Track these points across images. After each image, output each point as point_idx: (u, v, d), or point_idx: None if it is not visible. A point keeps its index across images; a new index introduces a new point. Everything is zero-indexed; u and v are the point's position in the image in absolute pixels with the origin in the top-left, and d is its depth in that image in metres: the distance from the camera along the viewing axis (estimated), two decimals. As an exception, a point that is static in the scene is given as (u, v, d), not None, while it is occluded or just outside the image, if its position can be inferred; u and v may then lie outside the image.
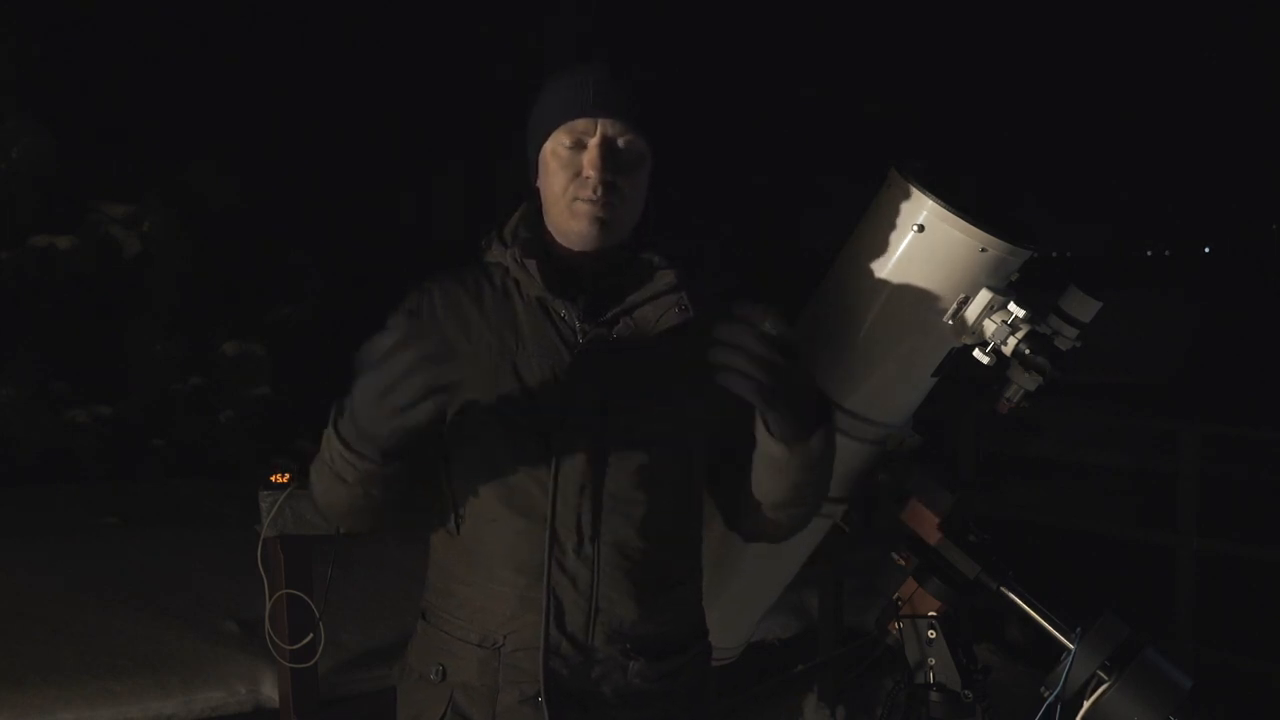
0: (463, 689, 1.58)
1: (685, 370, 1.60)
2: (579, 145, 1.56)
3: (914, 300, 1.83)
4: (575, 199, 1.56)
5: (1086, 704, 1.72)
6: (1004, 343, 1.78)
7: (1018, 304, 1.79)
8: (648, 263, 1.62)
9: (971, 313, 1.81)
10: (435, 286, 1.65)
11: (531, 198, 1.67)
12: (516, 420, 1.54)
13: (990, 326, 1.80)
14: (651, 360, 1.58)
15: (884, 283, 1.85)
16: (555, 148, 1.57)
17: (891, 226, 1.84)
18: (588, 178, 1.54)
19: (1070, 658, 1.73)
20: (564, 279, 1.60)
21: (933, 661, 1.87)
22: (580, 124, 1.55)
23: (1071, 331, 1.83)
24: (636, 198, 1.60)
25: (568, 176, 1.56)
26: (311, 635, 2.75)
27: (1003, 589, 1.84)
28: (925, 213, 1.79)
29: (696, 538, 1.70)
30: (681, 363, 1.60)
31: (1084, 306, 1.84)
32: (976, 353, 1.84)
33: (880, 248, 1.85)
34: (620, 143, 1.56)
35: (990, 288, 1.80)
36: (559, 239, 1.62)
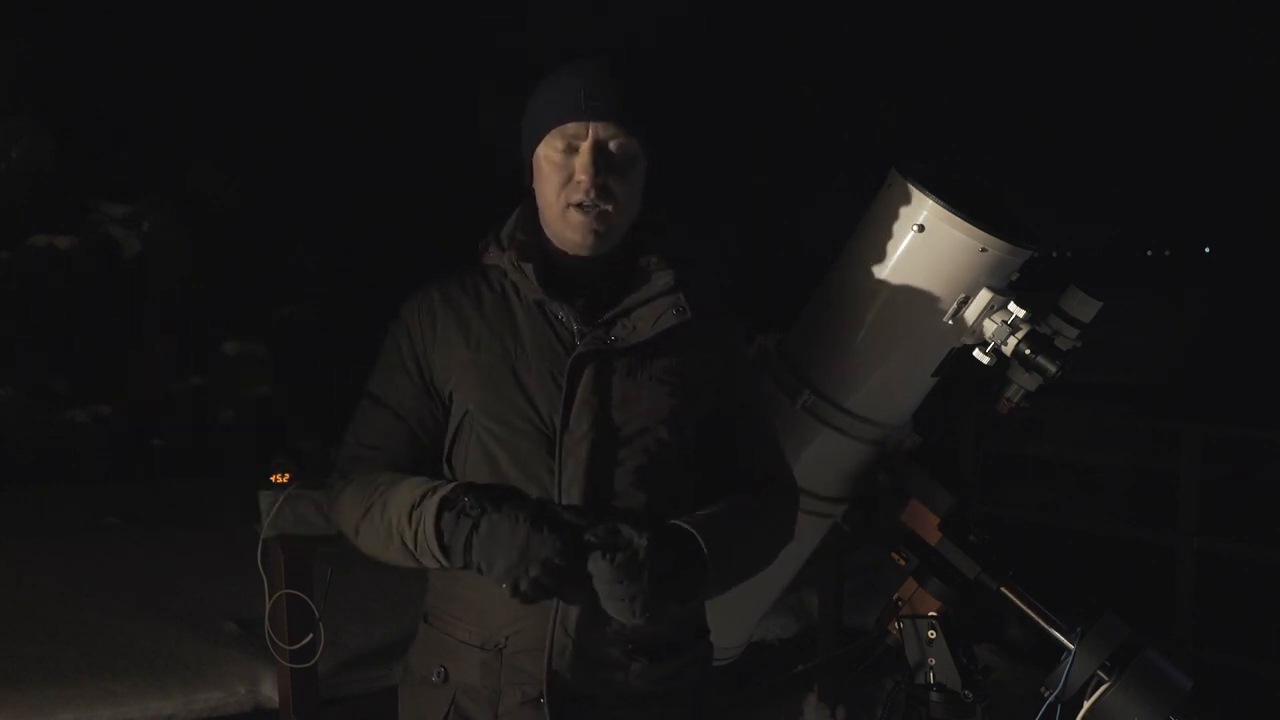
0: (465, 691, 1.58)
1: (683, 371, 1.60)
2: (571, 149, 1.55)
3: (914, 300, 1.83)
4: (569, 206, 1.55)
5: (1086, 704, 1.72)
6: (1004, 343, 1.78)
7: (1018, 304, 1.79)
8: (645, 264, 1.62)
9: (971, 313, 1.81)
10: (435, 289, 1.65)
11: (528, 199, 1.67)
12: (517, 424, 1.54)
13: (990, 326, 1.80)
14: (649, 362, 1.58)
15: (884, 283, 1.85)
16: (548, 152, 1.57)
17: (892, 227, 1.84)
18: (580, 182, 1.54)
19: (1070, 658, 1.73)
20: (562, 281, 1.60)
21: (933, 661, 1.87)
22: (572, 127, 1.55)
23: (1072, 331, 1.83)
24: (631, 200, 1.59)
25: (560, 180, 1.56)
26: (311, 635, 2.75)
27: (1003, 589, 1.84)
28: (925, 213, 1.80)
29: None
30: (679, 364, 1.60)
31: (1084, 306, 1.84)
32: (976, 353, 1.84)
33: (880, 248, 1.85)
34: (613, 145, 1.56)
35: (990, 288, 1.80)
36: (555, 242, 1.62)
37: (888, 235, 1.84)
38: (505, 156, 1.69)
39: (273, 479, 2.69)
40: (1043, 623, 1.80)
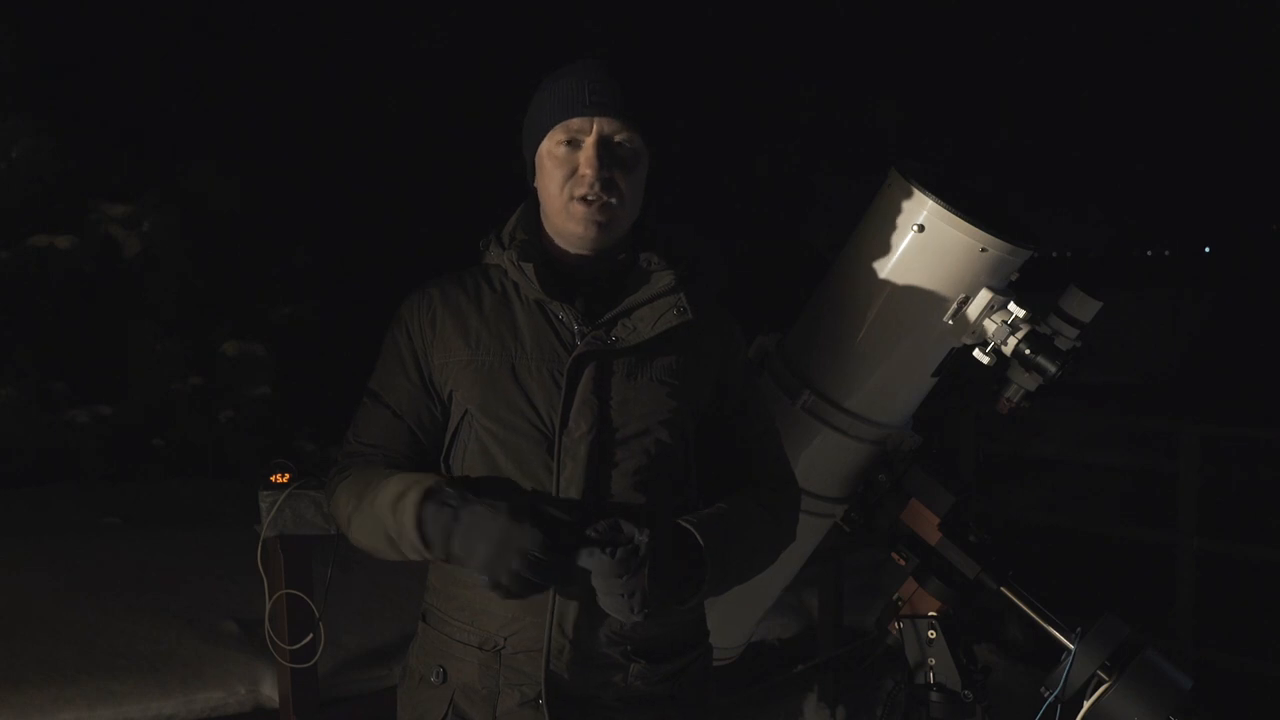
0: (463, 691, 1.58)
1: (683, 372, 1.60)
2: (575, 144, 1.56)
3: (914, 300, 1.83)
4: (572, 199, 1.55)
5: (1086, 704, 1.72)
6: (1004, 343, 1.78)
7: (1018, 304, 1.79)
8: (646, 264, 1.62)
9: (972, 313, 1.81)
10: (435, 289, 1.65)
11: (529, 198, 1.67)
12: (516, 423, 1.54)
13: (990, 326, 1.80)
14: (650, 362, 1.58)
15: (884, 282, 1.85)
16: (551, 147, 1.57)
17: (892, 226, 1.84)
18: (584, 175, 1.54)
19: (1070, 658, 1.73)
20: (562, 281, 1.60)
21: (933, 661, 1.87)
22: (576, 123, 1.55)
23: (1071, 331, 1.83)
24: (634, 195, 1.59)
25: (564, 175, 1.55)
26: (311, 635, 2.75)
27: (1003, 589, 1.84)
28: (925, 213, 1.80)
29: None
30: (679, 365, 1.60)
31: (1084, 306, 1.84)
32: (976, 353, 1.84)
33: (880, 248, 1.85)
34: (617, 140, 1.56)
35: (990, 287, 1.80)
36: (557, 240, 1.62)
37: (888, 235, 1.84)
38: (508, 155, 1.69)
39: (272, 479, 2.69)
40: (1043, 623, 1.80)
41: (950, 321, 1.82)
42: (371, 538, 1.54)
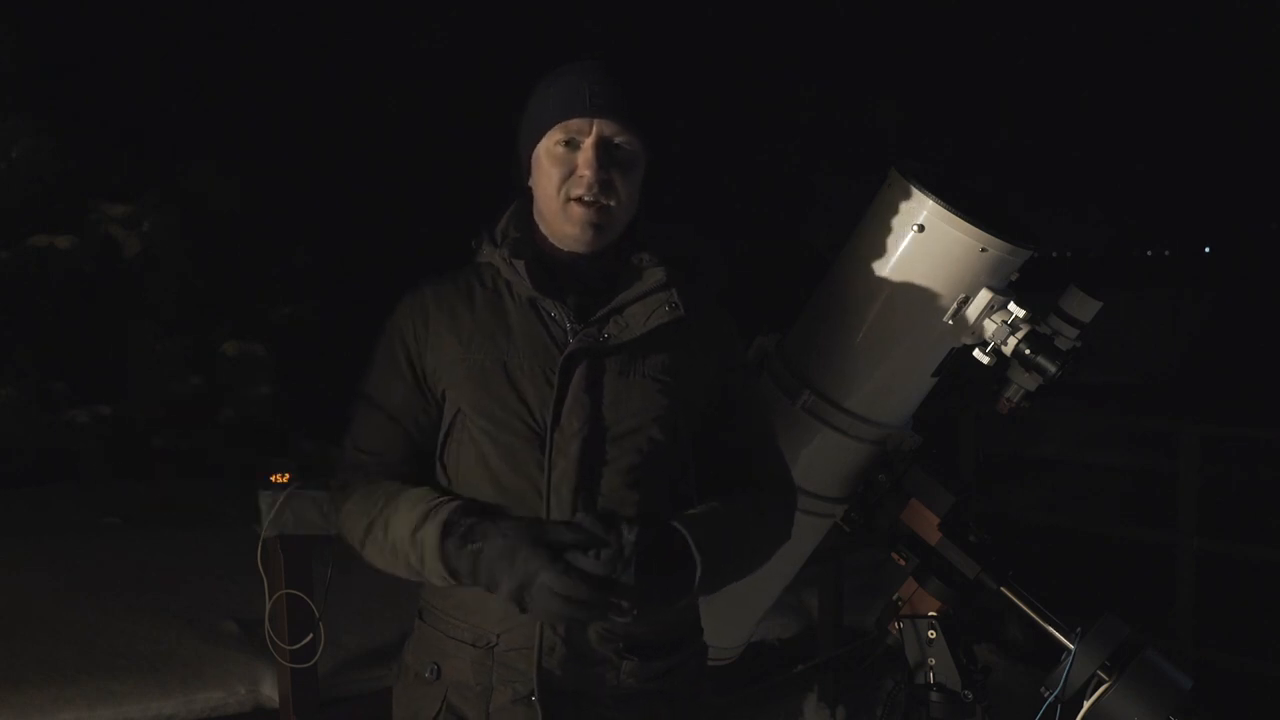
0: (457, 688, 1.58)
1: (676, 370, 1.60)
2: (573, 145, 1.55)
3: (914, 300, 1.83)
4: (569, 200, 1.55)
5: (1086, 704, 1.72)
6: (1004, 343, 1.78)
7: (1018, 304, 1.79)
8: (638, 261, 1.62)
9: (971, 313, 1.81)
10: (427, 289, 1.65)
11: (522, 197, 1.66)
12: (508, 422, 1.54)
13: (990, 326, 1.80)
14: (642, 360, 1.58)
15: (884, 282, 1.85)
16: (549, 146, 1.57)
17: (892, 226, 1.84)
18: (583, 176, 1.54)
19: (1070, 658, 1.73)
20: (554, 278, 1.60)
21: (933, 661, 1.87)
22: (575, 123, 1.55)
23: (1071, 331, 1.83)
24: (631, 197, 1.59)
25: (561, 174, 1.55)
26: (311, 635, 2.75)
27: (1003, 589, 1.84)
28: (925, 213, 1.80)
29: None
30: (672, 362, 1.60)
31: (1084, 306, 1.84)
32: (976, 353, 1.84)
33: (880, 248, 1.85)
34: (616, 142, 1.56)
35: (990, 287, 1.80)
36: (550, 239, 1.62)
37: (887, 235, 1.84)
38: (508, 155, 1.69)
39: (273, 479, 2.69)
40: (1043, 623, 1.80)
41: (950, 321, 1.82)
42: (391, 565, 1.56)
